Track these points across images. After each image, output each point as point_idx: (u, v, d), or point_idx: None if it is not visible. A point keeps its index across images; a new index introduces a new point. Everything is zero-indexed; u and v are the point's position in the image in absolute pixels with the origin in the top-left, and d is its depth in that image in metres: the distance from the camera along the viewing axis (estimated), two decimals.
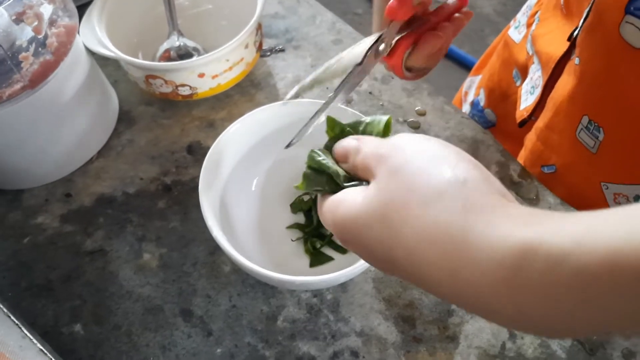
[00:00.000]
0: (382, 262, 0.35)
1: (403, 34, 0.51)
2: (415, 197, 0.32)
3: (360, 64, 0.47)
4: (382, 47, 0.49)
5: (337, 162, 0.42)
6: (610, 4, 0.56)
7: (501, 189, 0.32)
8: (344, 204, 0.36)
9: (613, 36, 0.56)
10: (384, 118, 0.44)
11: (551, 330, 0.29)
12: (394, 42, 0.51)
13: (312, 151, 0.43)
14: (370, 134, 0.44)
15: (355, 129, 0.45)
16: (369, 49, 0.47)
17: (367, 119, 0.45)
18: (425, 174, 0.32)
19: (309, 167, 0.43)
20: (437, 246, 0.30)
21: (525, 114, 0.73)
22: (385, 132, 0.43)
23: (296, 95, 0.51)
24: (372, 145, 0.38)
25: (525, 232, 0.27)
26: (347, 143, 0.41)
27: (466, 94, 0.98)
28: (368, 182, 0.36)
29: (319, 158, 0.42)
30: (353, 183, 0.39)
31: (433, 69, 0.59)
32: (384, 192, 0.34)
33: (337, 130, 0.45)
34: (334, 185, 0.40)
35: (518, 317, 0.28)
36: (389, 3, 0.46)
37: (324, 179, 0.42)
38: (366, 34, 0.86)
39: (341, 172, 0.40)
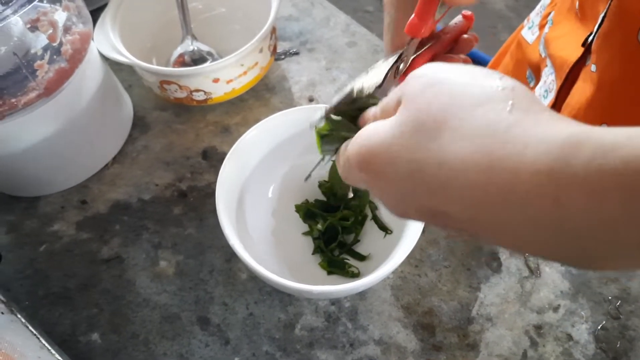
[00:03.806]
0: (404, 182, 0.31)
1: (418, 52, 0.49)
2: (458, 102, 0.29)
3: (380, 86, 0.45)
4: (401, 66, 0.47)
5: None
6: (627, 10, 0.54)
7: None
8: (367, 131, 0.33)
9: (631, 43, 0.54)
10: None
11: (589, 243, 0.25)
12: (410, 60, 0.49)
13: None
14: None
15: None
16: (389, 69, 0.45)
17: None
18: (469, 83, 0.30)
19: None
20: (476, 142, 0.27)
21: None
22: None
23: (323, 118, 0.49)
24: (395, 90, 0.34)
25: (576, 127, 0.25)
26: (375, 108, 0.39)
27: None
28: None
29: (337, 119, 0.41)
30: None
31: None
32: (418, 103, 0.30)
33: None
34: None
35: (555, 220, 0.25)
36: (410, 20, 0.44)
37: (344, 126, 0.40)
38: (378, 32, 0.85)
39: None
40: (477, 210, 0.28)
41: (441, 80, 0.31)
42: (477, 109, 0.28)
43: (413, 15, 0.44)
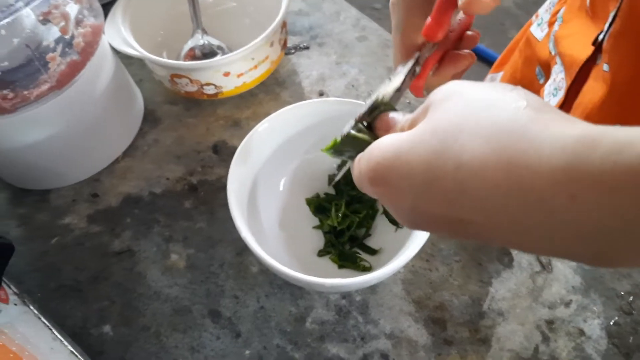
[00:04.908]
0: (420, 191, 0.31)
1: (430, 53, 0.49)
2: (474, 106, 0.30)
3: (399, 89, 0.45)
4: (417, 69, 0.47)
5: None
6: (639, 11, 0.54)
7: None
8: (382, 146, 0.33)
9: None
10: None
11: (603, 241, 0.25)
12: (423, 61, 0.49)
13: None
14: None
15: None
16: (408, 73, 0.45)
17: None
18: (485, 91, 0.31)
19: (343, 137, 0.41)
20: (493, 140, 0.28)
21: None
22: None
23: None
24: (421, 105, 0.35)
25: (590, 126, 0.26)
26: (395, 114, 0.39)
27: None
28: None
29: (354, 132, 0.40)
30: None
31: None
32: (437, 114, 0.31)
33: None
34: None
35: (570, 217, 0.25)
36: (427, 23, 0.44)
37: (358, 144, 0.39)
38: (387, 28, 0.85)
39: None
40: (495, 212, 0.28)
41: (459, 91, 0.31)
42: (492, 110, 0.29)
43: (430, 20, 0.43)
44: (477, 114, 0.29)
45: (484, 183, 0.28)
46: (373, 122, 0.41)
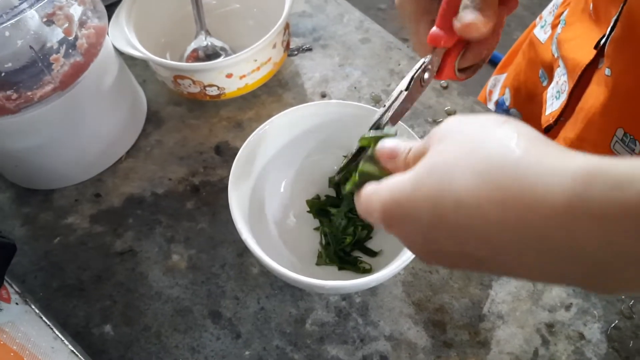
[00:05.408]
0: (428, 231, 0.31)
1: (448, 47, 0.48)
2: (467, 144, 0.30)
3: (407, 89, 0.45)
4: (426, 75, 0.46)
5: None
6: (638, 17, 0.54)
7: None
8: (391, 182, 0.34)
9: None
10: None
11: (603, 273, 0.25)
12: (439, 61, 0.48)
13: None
14: None
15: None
16: (414, 75, 0.45)
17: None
18: (478, 128, 0.31)
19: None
20: (487, 177, 0.28)
21: (551, 120, 0.71)
22: None
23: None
24: (423, 139, 0.36)
25: (588, 158, 0.25)
26: (395, 142, 0.39)
27: (490, 92, 0.96)
28: None
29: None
30: None
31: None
32: (433, 154, 0.32)
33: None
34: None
35: (570, 252, 0.25)
36: (432, 31, 0.43)
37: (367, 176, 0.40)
38: (391, 29, 0.85)
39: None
40: (496, 248, 0.28)
41: (455, 130, 0.32)
42: (483, 145, 0.29)
43: (434, 27, 0.43)
44: (469, 151, 0.30)
45: (483, 219, 0.28)
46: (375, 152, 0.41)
